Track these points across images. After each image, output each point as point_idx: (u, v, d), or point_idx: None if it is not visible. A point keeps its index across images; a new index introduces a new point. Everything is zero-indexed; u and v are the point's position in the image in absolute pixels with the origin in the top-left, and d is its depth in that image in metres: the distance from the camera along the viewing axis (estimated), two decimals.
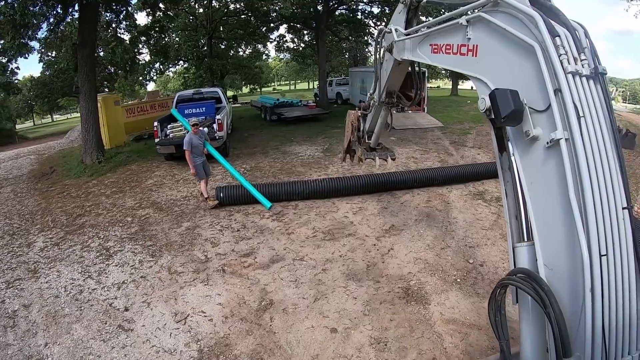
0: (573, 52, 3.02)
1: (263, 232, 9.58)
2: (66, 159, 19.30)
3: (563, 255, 3.01)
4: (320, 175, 13.69)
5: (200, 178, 11.20)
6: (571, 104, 2.87)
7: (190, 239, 9.46)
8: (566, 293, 2.98)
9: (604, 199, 2.83)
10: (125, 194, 12.98)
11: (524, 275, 3.26)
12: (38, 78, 46.98)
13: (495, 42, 3.56)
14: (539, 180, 3.22)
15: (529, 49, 3.15)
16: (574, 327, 2.91)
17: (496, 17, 3.46)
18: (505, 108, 3.11)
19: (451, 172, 12.68)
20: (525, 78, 3.23)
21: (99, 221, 10.94)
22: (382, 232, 9.37)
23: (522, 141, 3.31)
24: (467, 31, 3.86)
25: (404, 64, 5.99)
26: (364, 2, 32.77)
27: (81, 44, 16.95)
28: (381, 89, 6.70)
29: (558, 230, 3.05)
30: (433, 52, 4.64)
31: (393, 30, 5.64)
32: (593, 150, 2.86)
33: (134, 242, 9.50)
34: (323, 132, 21.54)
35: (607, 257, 2.80)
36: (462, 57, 4.02)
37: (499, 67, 3.55)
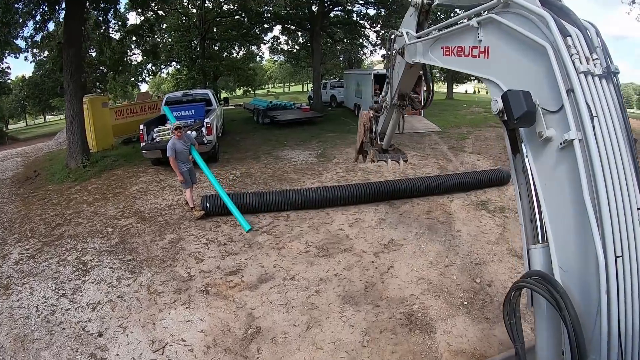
0: (585, 52, 2.99)
1: (252, 246, 8.90)
2: (52, 162, 18.59)
3: (578, 257, 2.96)
4: (314, 183, 13.04)
5: (186, 186, 10.50)
6: (584, 104, 2.83)
7: (172, 253, 8.78)
8: (581, 295, 2.93)
9: (619, 200, 2.76)
10: (108, 202, 12.30)
11: (538, 278, 3.21)
12: (29, 78, 46.47)
13: (506, 43, 3.54)
14: (552, 182, 3.18)
15: (540, 50, 3.12)
16: (589, 330, 2.85)
17: (507, 18, 3.43)
18: (518, 109, 3.08)
19: (453, 181, 12.07)
20: (537, 79, 3.20)
21: (78, 231, 10.28)
22: (381, 247, 8.71)
23: (536, 142, 3.27)
24: (478, 33, 3.83)
25: (415, 67, 5.95)
26: (359, 4, 32.21)
27: (67, 43, 16.35)
28: (393, 91, 6.67)
29: (573, 231, 3.00)
30: (445, 54, 4.59)
31: (404, 34, 5.61)
32: (607, 151, 2.80)
33: (113, 256, 8.82)
34: (317, 136, 20.92)
35: (623, 259, 2.73)
36: (473, 59, 3.98)
37: (510, 68, 3.51)
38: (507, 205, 10.96)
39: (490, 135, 20.73)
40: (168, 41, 41.44)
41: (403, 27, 5.78)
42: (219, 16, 35.72)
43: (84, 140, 16.84)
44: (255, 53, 49.68)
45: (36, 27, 18.45)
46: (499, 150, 17.15)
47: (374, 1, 31.53)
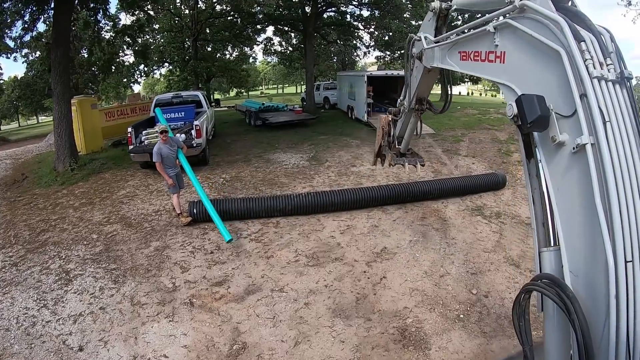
0: (599, 57, 2.97)
1: (239, 254, 8.61)
2: (41, 164, 18.19)
3: (588, 261, 2.93)
4: (305, 187, 12.76)
5: (173, 192, 10.19)
6: (597, 109, 2.83)
7: (158, 262, 8.49)
8: (591, 300, 2.89)
9: (630, 205, 2.74)
10: (94, 207, 11.98)
11: (548, 281, 3.17)
12: (21, 79, 46.09)
13: (521, 48, 3.53)
14: (565, 186, 3.17)
15: (554, 55, 3.11)
16: (598, 335, 2.81)
17: (522, 23, 3.43)
18: (532, 114, 3.07)
19: (448, 186, 11.82)
20: (551, 83, 3.19)
21: (63, 238, 9.99)
22: (373, 255, 8.44)
23: (549, 147, 3.26)
24: (495, 38, 3.83)
25: (433, 72, 5.86)
26: (353, 5, 31.96)
27: (55, 43, 16.00)
28: (411, 95, 6.58)
29: (584, 236, 2.97)
30: (462, 59, 4.59)
31: (422, 38, 5.60)
32: (619, 155, 2.79)
33: (97, 265, 8.53)
34: (309, 139, 20.61)
35: (633, 264, 2.70)
36: (490, 64, 3.99)
37: (525, 73, 3.50)
38: (503, 211, 10.73)
39: (484, 137, 20.47)
40: (160, 42, 41.12)
41: (421, 31, 5.77)
42: (211, 17, 35.38)
43: (72, 143, 16.50)
44: (248, 54, 49.49)
45: (25, 27, 18.06)
46: (494, 153, 16.94)
47: (367, 2, 31.20)
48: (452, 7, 5.26)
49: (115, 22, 22.57)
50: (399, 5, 28.81)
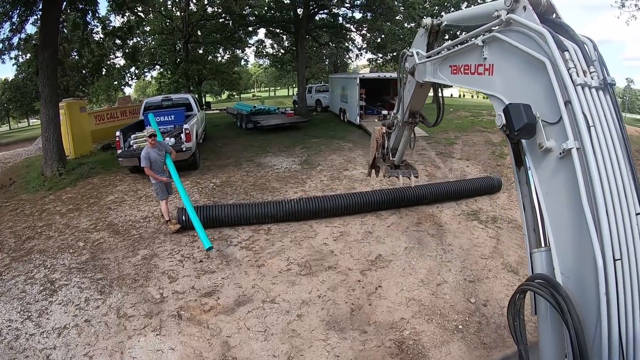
0: (582, 65, 3.15)
1: (229, 263, 8.35)
2: (29, 169, 17.86)
3: (579, 261, 3.05)
4: (297, 192, 12.52)
5: (162, 198, 9.91)
6: (581, 115, 2.98)
7: (145, 271, 8.22)
8: (583, 299, 3.00)
9: (617, 205, 2.88)
10: (81, 213, 11.69)
11: (542, 281, 3.27)
12: (11, 81, 45.58)
13: (509, 60, 3.72)
14: (553, 190, 3.30)
15: (539, 65, 3.28)
16: (591, 333, 2.92)
17: (509, 36, 3.62)
18: (519, 121, 3.25)
19: (443, 190, 11.64)
20: (537, 92, 3.37)
21: (49, 246, 9.70)
22: (368, 263, 8.21)
23: (537, 154, 3.41)
24: (483, 51, 4.02)
25: (426, 86, 6.11)
26: (345, 7, 31.78)
27: (42, 45, 15.70)
28: (404, 109, 6.83)
29: (573, 237, 3.10)
30: (452, 73, 4.78)
31: (415, 54, 5.80)
32: (604, 158, 2.94)
33: (83, 274, 8.25)
34: (301, 142, 20.37)
35: (622, 262, 2.82)
36: (479, 77, 4.17)
37: (513, 83, 3.70)
38: (499, 215, 10.54)
39: (478, 140, 20.31)
40: (151, 44, 40.83)
41: (414, 47, 5.96)
42: (202, 19, 35.08)
43: (59, 147, 16.17)
44: (240, 57, 49.23)
45: (13, 28, 17.72)
46: (488, 156, 16.79)
47: (359, 5, 31.02)
48: (442, 23, 5.44)
49: (105, 24, 22.24)
50: (392, 7, 28.61)
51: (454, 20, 5.26)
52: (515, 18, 3.52)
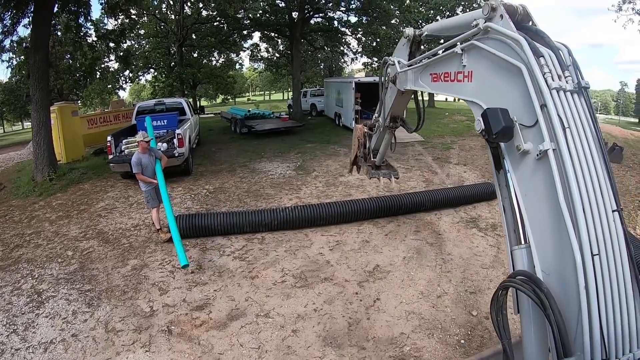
0: (557, 70, 3.28)
1: (222, 274, 8.06)
2: (20, 173, 17.63)
3: (559, 259, 3.13)
4: (292, 199, 12.27)
5: (152, 206, 9.64)
6: (556, 117, 3.10)
7: (135, 282, 7.94)
8: (564, 295, 3.07)
9: (593, 202, 2.99)
10: (71, 220, 11.42)
11: (524, 278, 3.32)
12: (5, 84, 45.21)
13: (487, 67, 3.86)
14: (532, 191, 3.41)
15: (516, 70, 3.42)
16: (574, 327, 2.98)
17: (487, 44, 3.77)
18: (497, 125, 3.34)
19: (441, 197, 11.44)
20: (514, 97, 3.49)
21: (37, 254, 9.43)
22: (365, 274, 7.94)
23: (515, 156, 3.53)
24: (462, 59, 4.16)
25: (407, 93, 6.28)
26: (340, 11, 31.59)
27: (33, 47, 15.46)
28: (385, 114, 7.04)
29: (552, 236, 3.19)
30: (433, 80, 4.95)
31: (396, 62, 6.02)
32: (579, 158, 3.05)
33: (71, 285, 7.96)
34: (296, 147, 20.14)
35: (600, 257, 2.92)
36: (459, 84, 4.31)
37: (491, 89, 3.82)
38: (499, 222, 10.31)
39: (475, 144, 20.16)
40: (146, 48, 40.58)
41: (395, 56, 6.22)
42: (197, 22, 34.82)
43: (50, 152, 15.93)
44: (234, 60, 49.06)
45: (4, 30, 17.40)
46: (485, 161, 16.62)
47: (355, 8, 30.84)
48: (424, 33, 5.70)
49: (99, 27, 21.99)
50: (388, 11, 28.43)
51: (435, 30, 5.49)
52: (493, 26, 3.68)
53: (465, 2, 46.69)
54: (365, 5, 29.05)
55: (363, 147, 8.38)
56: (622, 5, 25.55)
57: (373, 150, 8.28)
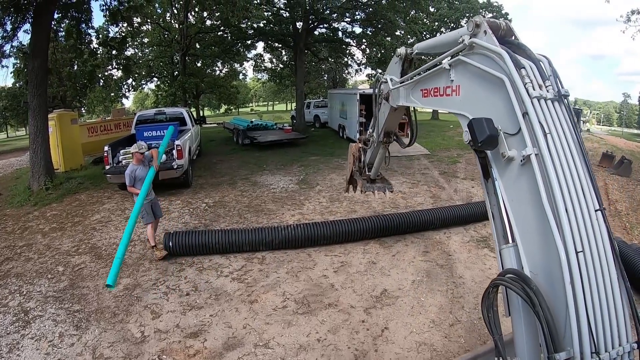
0: (538, 80, 3.48)
1: (219, 297, 7.56)
2: (18, 181, 17.44)
3: (546, 258, 3.22)
4: (294, 215, 11.81)
5: (147, 222, 9.17)
6: (537, 124, 3.26)
7: (126, 304, 7.46)
8: (553, 293, 3.13)
9: (575, 203, 3.13)
10: (64, 233, 11.02)
11: (513, 276, 3.38)
12: (8, 89, 45.14)
13: (472, 80, 4.01)
14: (517, 195, 3.53)
15: (499, 82, 3.57)
16: (563, 323, 3.03)
17: (472, 58, 3.92)
18: (481, 134, 3.48)
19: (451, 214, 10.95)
20: (498, 107, 3.65)
21: (27, 269, 9.01)
22: (372, 300, 7.43)
23: (501, 164, 3.66)
24: (450, 74, 4.31)
25: (400, 109, 6.48)
26: (345, 21, 31.26)
27: (32, 53, 15.23)
28: (379, 129, 7.22)
29: (538, 236, 3.29)
30: (424, 96, 5.13)
31: (389, 80, 6.20)
32: (561, 161, 3.22)
33: (59, 304, 7.51)
34: (299, 160, 19.71)
35: (584, 254, 3.03)
36: (448, 98, 4.46)
37: (477, 100, 3.96)
38: None
39: None
40: (149, 56, 40.44)
41: (388, 74, 6.39)
42: (201, 31, 34.58)
43: (47, 160, 15.65)
44: (238, 71, 48.94)
45: (4, 36, 17.09)
46: None
47: (360, 19, 30.52)
48: (414, 52, 5.83)
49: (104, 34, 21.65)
50: (394, 22, 28.10)
51: (425, 48, 5.59)
52: (477, 41, 3.82)
53: (470, 14, 46.73)
54: (371, 16, 28.79)
55: (358, 161, 8.60)
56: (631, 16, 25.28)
57: (368, 165, 8.47)
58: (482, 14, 46.63)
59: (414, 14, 31.33)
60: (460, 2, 47.13)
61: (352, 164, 8.72)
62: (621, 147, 28.48)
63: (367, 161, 8.41)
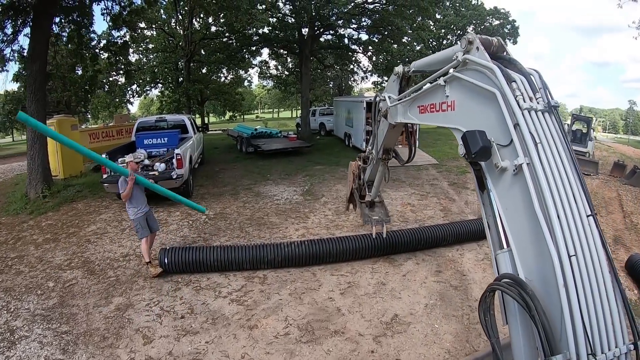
0: (528, 93, 3.57)
1: (216, 322, 7.01)
2: (17, 187, 17.04)
3: (540, 264, 3.27)
4: (298, 229, 11.28)
5: (141, 236, 8.67)
6: (528, 134, 3.35)
7: (117, 326, 6.95)
8: (548, 297, 3.15)
9: (567, 208, 3.19)
10: (58, 244, 10.57)
11: (509, 281, 3.42)
12: (13, 93, 45.25)
13: (466, 95, 4.17)
14: (511, 204, 3.60)
15: (491, 95, 3.69)
16: (559, 327, 3.06)
17: (465, 74, 4.07)
18: (475, 145, 3.58)
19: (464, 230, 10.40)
20: (490, 120, 3.77)
21: (17, 283, 8.59)
22: (382, 327, 6.86)
23: (495, 174, 3.76)
24: (446, 90, 4.46)
25: (398, 126, 6.64)
26: (351, 28, 30.92)
27: (31, 58, 14.87)
28: (378, 146, 7.38)
29: (532, 243, 3.35)
30: (420, 112, 5.25)
31: (387, 98, 6.32)
32: (552, 169, 3.29)
33: (47, 324, 7.07)
34: (304, 169, 19.22)
35: (577, 257, 3.06)
36: (444, 113, 4.60)
37: (471, 114, 4.10)
38: None
39: None
40: (153, 62, 40.24)
41: (386, 92, 6.55)
42: (205, 37, 34.24)
43: (45, 167, 15.24)
44: (243, 77, 48.71)
45: (4, 39, 16.74)
46: None
47: (366, 26, 30.12)
48: (411, 70, 6.03)
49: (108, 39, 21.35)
50: (401, 28, 27.66)
51: (421, 66, 5.74)
52: (470, 58, 3.93)
53: (477, 21, 46.47)
54: (377, 22, 28.39)
55: (358, 178, 8.81)
56: None
57: (367, 182, 8.64)
58: (489, 20, 46.87)
59: (420, 20, 30.94)
60: (466, 9, 47.01)
61: (352, 182, 8.93)
62: (630, 156, 28.21)
63: (367, 178, 8.58)
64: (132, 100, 49.77)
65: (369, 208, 8.81)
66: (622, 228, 12.85)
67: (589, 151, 24.76)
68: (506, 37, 47.76)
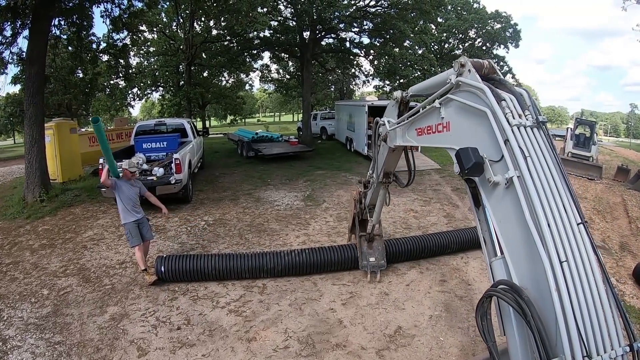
0: (517, 110, 3.70)
1: (213, 334, 6.77)
2: (15, 190, 16.88)
3: (534, 272, 3.31)
4: (299, 236, 11.08)
5: (133, 244, 8.48)
6: (517, 148, 3.46)
7: (111, 337, 6.73)
8: (543, 304, 3.18)
9: (557, 217, 3.25)
10: (54, 250, 10.39)
11: (505, 287, 3.46)
12: (14, 96, 45.26)
13: (460, 115, 4.31)
14: (504, 216, 3.67)
15: (482, 114, 3.83)
16: (554, 333, 3.08)
17: (459, 96, 4.24)
18: (468, 161, 3.73)
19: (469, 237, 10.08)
20: (482, 137, 3.89)
21: (10, 290, 8.38)
22: (386, 340, 6.62)
23: (488, 189, 3.83)
24: (441, 112, 4.61)
25: (398, 150, 6.75)
26: (353, 31, 30.74)
27: (29, 60, 14.76)
28: (379, 170, 7.47)
29: (525, 252, 3.42)
30: (418, 135, 5.38)
31: (386, 122, 6.42)
32: (541, 180, 3.38)
33: (40, 334, 6.87)
34: (305, 174, 19.04)
35: (569, 263, 3.11)
36: (440, 134, 4.73)
37: (465, 133, 4.23)
38: None
39: None
40: (154, 66, 40.13)
41: (386, 116, 6.63)
42: (206, 41, 34.11)
43: (43, 171, 15.07)
44: (244, 81, 48.58)
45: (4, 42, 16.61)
46: None
47: (368, 29, 29.95)
48: (409, 94, 6.18)
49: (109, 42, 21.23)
50: (404, 32, 27.48)
51: (418, 90, 5.82)
52: (463, 80, 4.07)
53: (478, 25, 46.43)
54: (379, 26, 28.22)
55: (359, 203, 8.97)
56: None
57: (368, 206, 8.70)
58: (491, 24, 46.86)
59: (422, 24, 30.82)
60: (468, 12, 46.95)
61: (354, 208, 9.13)
62: (633, 160, 27.95)
63: (368, 203, 8.65)
64: (133, 104, 49.70)
65: (367, 243, 8.96)
66: (629, 234, 12.63)
67: (593, 155, 24.62)
68: (508, 41, 47.84)
